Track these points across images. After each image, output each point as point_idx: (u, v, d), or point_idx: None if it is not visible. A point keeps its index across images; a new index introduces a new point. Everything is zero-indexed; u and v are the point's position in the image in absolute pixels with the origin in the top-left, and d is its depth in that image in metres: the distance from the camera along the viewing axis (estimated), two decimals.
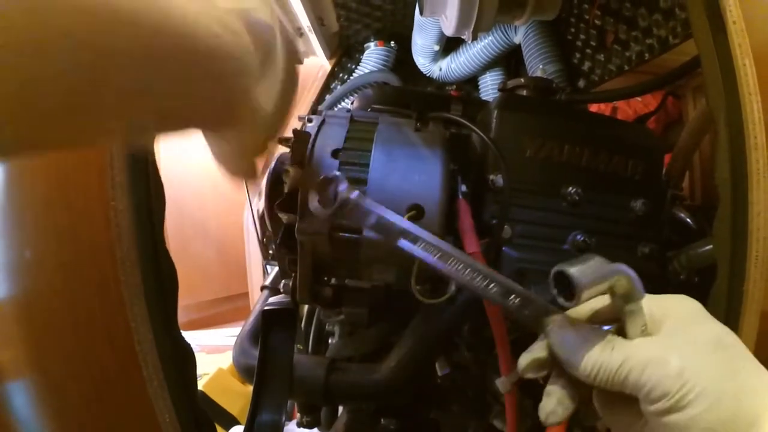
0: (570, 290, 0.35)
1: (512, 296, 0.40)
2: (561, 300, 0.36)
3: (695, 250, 0.69)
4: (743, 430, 0.31)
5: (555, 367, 0.40)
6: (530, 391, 0.64)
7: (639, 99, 1.56)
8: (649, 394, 0.33)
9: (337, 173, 0.42)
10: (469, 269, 0.41)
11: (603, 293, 0.36)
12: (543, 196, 0.63)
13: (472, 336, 0.67)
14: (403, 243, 0.42)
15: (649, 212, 0.65)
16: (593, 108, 1.40)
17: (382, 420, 0.67)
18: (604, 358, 0.35)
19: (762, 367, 0.34)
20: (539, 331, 0.40)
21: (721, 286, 0.47)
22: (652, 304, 0.37)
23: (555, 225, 0.63)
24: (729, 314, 0.46)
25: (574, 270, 0.34)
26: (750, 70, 0.45)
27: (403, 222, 0.43)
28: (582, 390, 0.39)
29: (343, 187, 0.41)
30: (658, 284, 0.39)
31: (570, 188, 0.63)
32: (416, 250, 0.42)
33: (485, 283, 0.40)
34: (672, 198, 0.74)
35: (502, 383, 0.52)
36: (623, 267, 0.35)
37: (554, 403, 0.38)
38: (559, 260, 0.61)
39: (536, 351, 0.40)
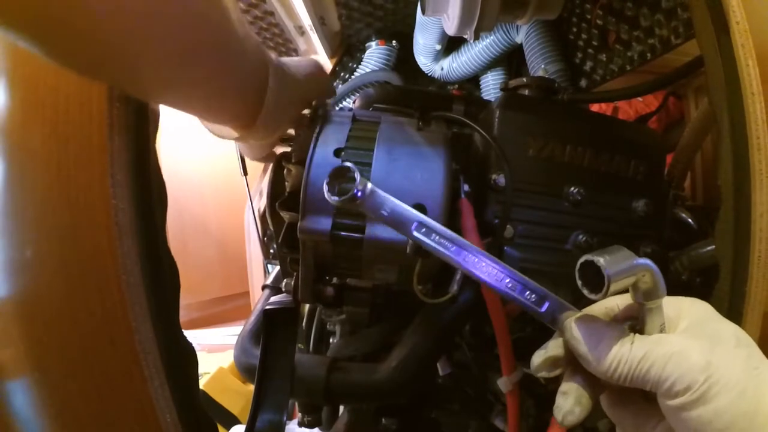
0: (596, 282, 0.33)
1: (528, 292, 0.39)
2: (586, 292, 0.35)
3: (697, 251, 0.69)
4: (762, 423, 0.31)
5: (570, 365, 0.39)
6: (532, 391, 0.64)
7: (640, 99, 1.56)
8: (672, 387, 0.32)
9: (350, 164, 0.41)
10: (484, 264, 0.40)
11: (627, 288, 0.35)
12: (545, 196, 0.63)
13: (473, 336, 0.67)
14: (417, 235, 0.41)
15: (651, 212, 0.65)
16: (594, 108, 1.39)
17: (383, 420, 0.67)
18: (624, 352, 0.34)
19: None
20: (554, 327, 0.39)
21: (723, 287, 0.47)
22: (666, 304, 0.37)
23: (557, 225, 0.63)
24: (731, 315, 0.46)
25: (605, 260, 0.33)
26: (753, 71, 0.45)
27: (417, 213, 0.42)
28: (596, 389, 0.38)
29: (357, 177, 0.40)
30: None
31: (572, 188, 0.63)
32: (430, 242, 0.41)
33: (500, 278, 0.40)
34: (674, 198, 0.74)
35: (503, 383, 0.52)
36: (649, 262, 0.34)
37: (572, 403, 0.37)
38: (561, 260, 0.62)
39: (551, 348, 0.39)
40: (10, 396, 0.42)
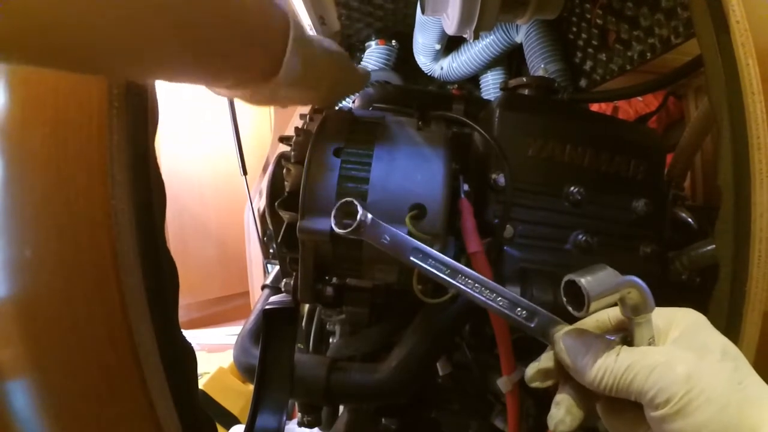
0: (580, 300, 0.35)
1: (518, 309, 0.41)
2: (570, 309, 0.36)
3: (697, 251, 0.69)
4: None
5: (562, 376, 0.40)
6: (532, 391, 0.64)
7: (640, 99, 1.56)
8: (654, 399, 0.33)
9: (353, 200, 0.44)
10: (476, 284, 0.42)
11: (613, 304, 0.36)
12: (545, 195, 0.63)
13: (473, 336, 0.67)
14: (414, 260, 0.44)
15: (651, 212, 0.65)
16: (594, 107, 1.39)
17: (383, 420, 0.67)
18: (609, 363, 0.35)
19: (762, 381, 0.34)
20: (546, 341, 0.41)
21: (723, 287, 0.47)
22: (657, 315, 0.38)
23: (557, 225, 0.63)
24: (731, 315, 0.46)
25: (585, 280, 0.35)
26: (753, 70, 0.45)
27: (413, 241, 0.45)
28: (589, 399, 0.39)
29: (359, 210, 0.44)
30: (659, 284, 0.39)
31: (572, 188, 0.63)
32: (426, 266, 0.44)
33: (492, 296, 0.42)
34: (674, 198, 0.74)
35: (503, 383, 0.52)
36: (635, 279, 0.35)
37: (563, 413, 0.39)
38: (561, 260, 0.62)
39: (543, 361, 0.41)
40: (10, 396, 0.42)
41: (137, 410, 0.43)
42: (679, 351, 0.35)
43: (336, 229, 0.44)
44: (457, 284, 0.43)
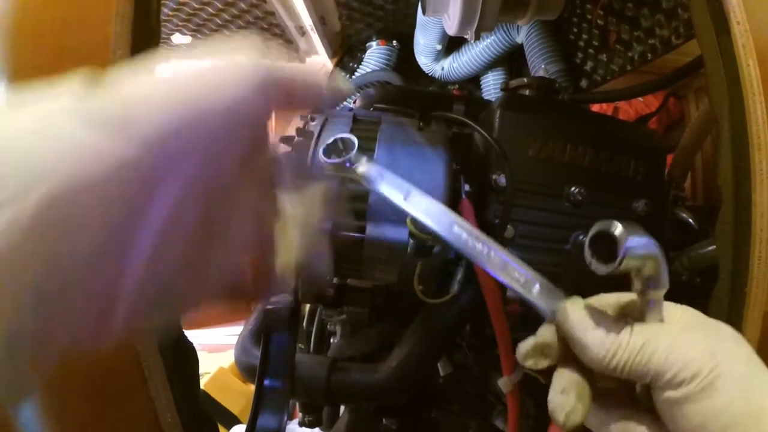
0: (610, 253, 0.30)
1: (516, 273, 0.36)
2: (594, 263, 0.31)
3: (697, 251, 0.69)
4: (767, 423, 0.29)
5: (562, 357, 0.35)
6: (532, 392, 0.64)
7: (641, 99, 1.56)
8: (676, 376, 0.29)
9: (351, 135, 0.40)
10: (470, 237, 0.38)
11: (635, 269, 0.31)
12: (545, 196, 0.63)
13: (473, 336, 0.67)
14: (407, 207, 0.40)
15: (651, 213, 0.65)
16: (594, 108, 1.39)
17: (383, 420, 0.67)
18: (623, 338, 0.31)
19: None
20: (546, 313, 0.35)
21: (723, 287, 0.47)
22: None
23: (557, 225, 0.63)
24: (731, 315, 0.46)
25: (621, 230, 0.30)
26: (754, 71, 0.45)
27: (408, 184, 0.41)
28: (590, 384, 0.34)
29: (354, 149, 0.40)
30: None
31: (572, 188, 0.63)
32: (418, 213, 0.40)
33: (487, 252, 0.37)
34: (674, 198, 0.74)
35: (504, 383, 0.52)
36: (658, 247, 0.31)
37: (574, 399, 0.32)
38: (562, 260, 0.62)
39: (541, 335, 0.35)
40: None
41: (138, 410, 0.43)
42: (695, 330, 0.32)
43: (323, 160, 0.39)
44: (451, 235, 0.38)
